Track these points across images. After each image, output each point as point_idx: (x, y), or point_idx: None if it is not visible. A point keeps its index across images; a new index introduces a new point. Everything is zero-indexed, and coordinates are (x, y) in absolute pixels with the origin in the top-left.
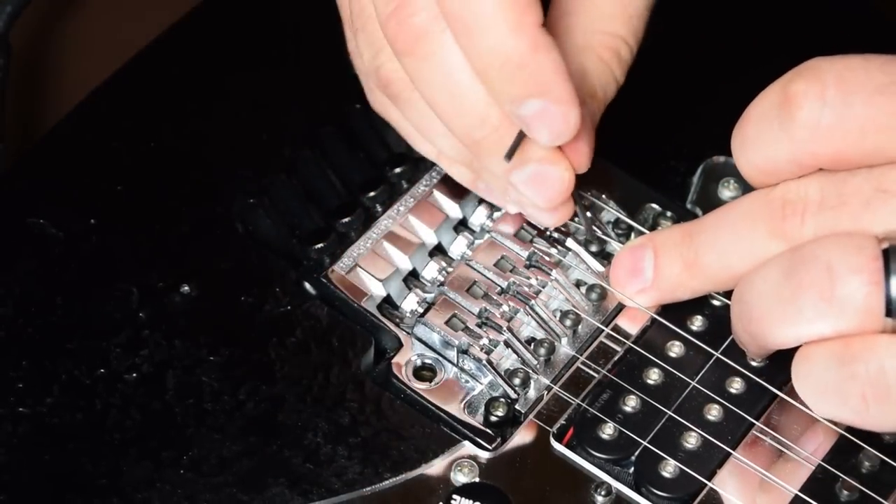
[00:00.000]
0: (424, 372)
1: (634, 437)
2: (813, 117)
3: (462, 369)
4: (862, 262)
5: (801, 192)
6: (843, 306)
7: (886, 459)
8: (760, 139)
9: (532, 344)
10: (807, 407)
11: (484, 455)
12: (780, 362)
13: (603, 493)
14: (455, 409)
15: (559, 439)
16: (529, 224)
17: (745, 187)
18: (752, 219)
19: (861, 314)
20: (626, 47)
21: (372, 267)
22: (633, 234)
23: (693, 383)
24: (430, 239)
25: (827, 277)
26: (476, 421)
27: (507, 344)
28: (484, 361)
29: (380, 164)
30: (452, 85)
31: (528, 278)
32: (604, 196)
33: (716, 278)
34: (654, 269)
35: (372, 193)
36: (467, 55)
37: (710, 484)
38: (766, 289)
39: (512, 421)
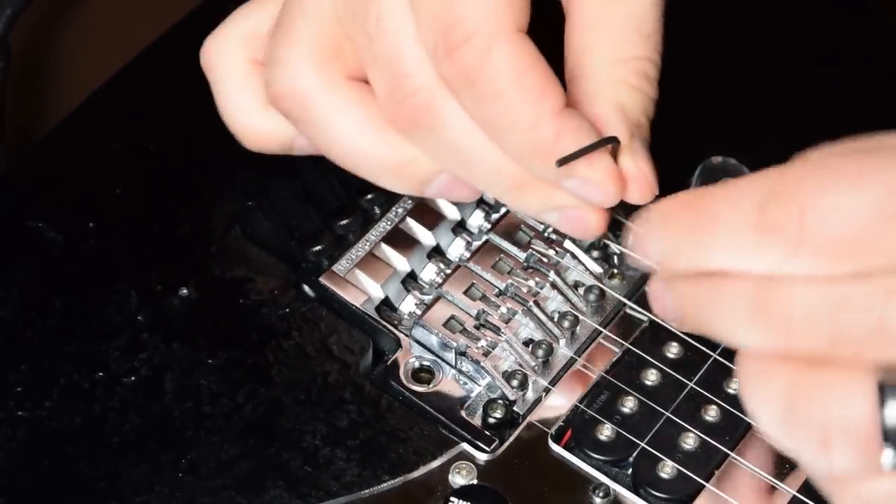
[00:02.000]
0: (423, 374)
1: (632, 438)
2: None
3: (460, 371)
4: (859, 440)
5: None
6: (842, 468)
7: None
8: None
9: (530, 345)
10: None
11: (482, 457)
12: None
13: (601, 494)
14: (453, 410)
15: (557, 441)
16: (527, 226)
17: None
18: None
19: (854, 469)
20: (651, 66)
21: (370, 269)
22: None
23: (691, 384)
24: (429, 241)
25: (823, 452)
26: (474, 423)
27: (506, 346)
28: (482, 363)
29: None
30: (464, 149)
31: (526, 280)
32: None
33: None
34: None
35: (370, 196)
36: (495, 142)
37: (708, 485)
38: (768, 417)
39: (510, 423)
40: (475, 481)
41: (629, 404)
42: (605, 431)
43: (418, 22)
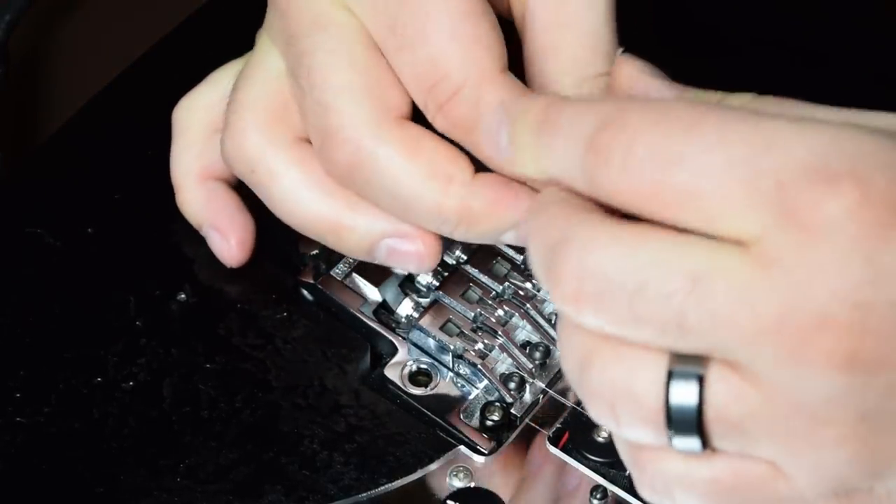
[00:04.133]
0: (420, 377)
1: None
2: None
3: (457, 374)
4: (643, 416)
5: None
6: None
7: None
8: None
9: (527, 348)
10: None
11: (480, 459)
12: None
13: (599, 496)
14: (451, 413)
15: (555, 443)
16: None
17: None
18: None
19: (643, 439)
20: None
21: (367, 273)
22: None
23: None
24: None
25: (611, 417)
26: (472, 425)
27: (503, 348)
28: (479, 366)
29: None
30: (402, 195)
31: (524, 282)
32: None
33: None
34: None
35: None
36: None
37: None
38: (569, 374)
39: (508, 425)
40: (473, 484)
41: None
42: (603, 433)
43: (404, 82)
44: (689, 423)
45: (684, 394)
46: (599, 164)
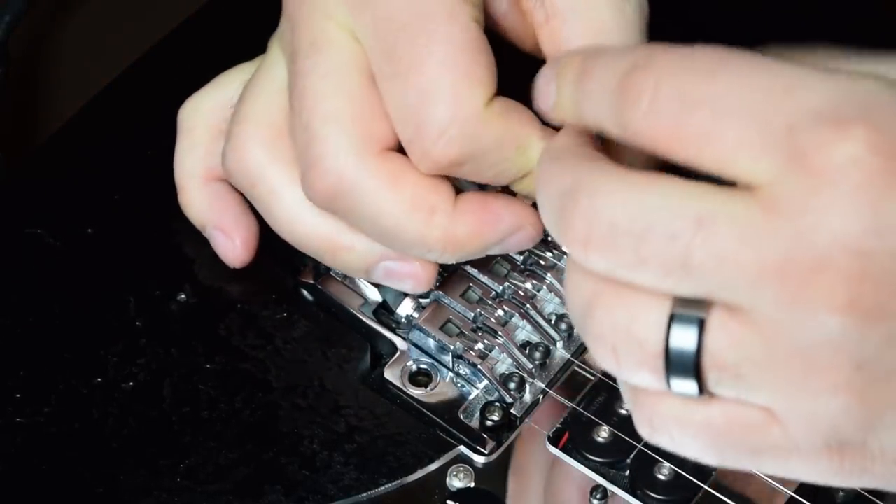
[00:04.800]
0: (420, 377)
1: (630, 440)
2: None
3: (457, 374)
4: (643, 359)
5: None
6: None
7: None
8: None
9: (527, 348)
10: None
11: (480, 460)
12: None
13: (598, 496)
14: (451, 413)
15: (555, 443)
16: None
17: None
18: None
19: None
20: None
21: None
22: None
23: None
24: None
25: (613, 359)
26: (472, 425)
27: (503, 348)
28: (479, 366)
29: None
30: (384, 225)
31: (523, 282)
32: None
33: None
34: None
35: None
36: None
37: (705, 486)
38: (573, 317)
39: (508, 425)
40: (473, 484)
41: (627, 405)
42: (603, 433)
43: (392, 113)
44: (687, 367)
45: (684, 338)
46: (628, 105)
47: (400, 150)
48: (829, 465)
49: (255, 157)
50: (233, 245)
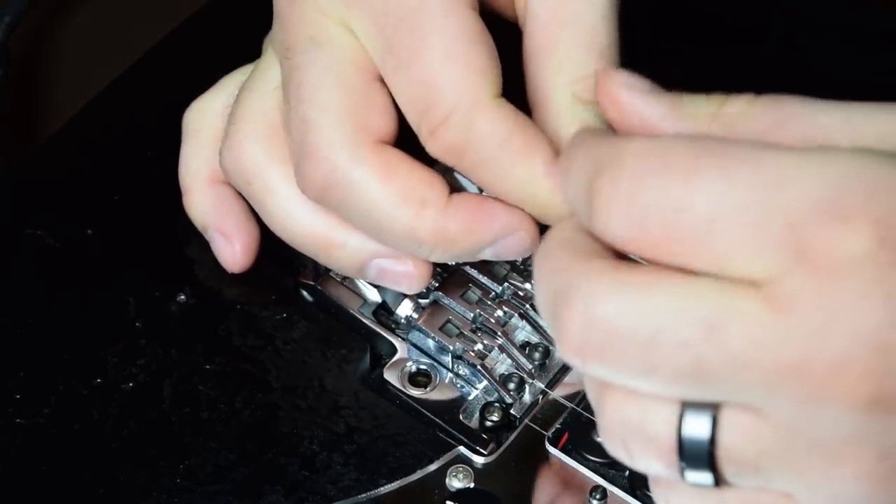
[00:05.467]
0: (420, 378)
1: None
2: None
3: (457, 375)
4: (657, 454)
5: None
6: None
7: None
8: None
9: (527, 348)
10: None
11: (479, 460)
12: None
13: (598, 496)
14: (450, 414)
15: (554, 443)
16: None
17: None
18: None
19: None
20: None
21: None
22: None
23: None
24: None
25: (625, 452)
26: (471, 426)
27: (502, 349)
28: (479, 366)
29: None
30: (375, 218)
31: (523, 283)
32: None
33: None
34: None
35: None
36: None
37: None
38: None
39: (507, 426)
40: (472, 484)
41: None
42: None
43: (399, 104)
44: (701, 460)
45: (696, 432)
46: (601, 212)
47: (395, 144)
48: None
49: (250, 155)
50: (232, 250)
